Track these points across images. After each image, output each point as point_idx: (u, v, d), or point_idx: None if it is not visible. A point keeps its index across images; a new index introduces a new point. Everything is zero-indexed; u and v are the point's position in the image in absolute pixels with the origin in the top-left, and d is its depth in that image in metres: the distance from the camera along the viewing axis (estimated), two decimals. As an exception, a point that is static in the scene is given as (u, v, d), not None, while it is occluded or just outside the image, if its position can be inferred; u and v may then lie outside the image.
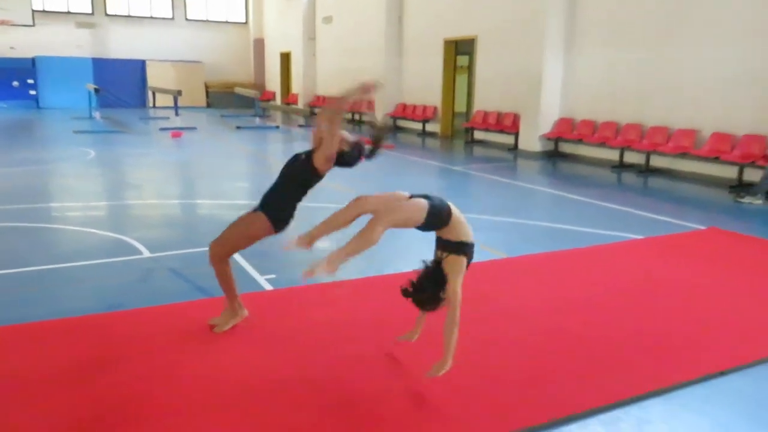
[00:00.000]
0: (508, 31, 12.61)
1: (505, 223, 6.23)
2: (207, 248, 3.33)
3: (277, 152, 12.51)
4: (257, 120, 17.37)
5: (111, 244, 5.27)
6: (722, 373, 3.05)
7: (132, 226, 6.04)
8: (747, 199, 7.37)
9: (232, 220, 3.31)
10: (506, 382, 2.91)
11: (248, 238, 3.21)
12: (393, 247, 5.40)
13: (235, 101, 24.09)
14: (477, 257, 4.29)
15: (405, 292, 2.80)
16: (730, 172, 8.59)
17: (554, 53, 11.31)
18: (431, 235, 2.94)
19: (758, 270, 4.74)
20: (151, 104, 23.17)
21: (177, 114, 15.79)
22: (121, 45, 24.18)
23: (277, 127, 16.92)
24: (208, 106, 25.41)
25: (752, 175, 8.21)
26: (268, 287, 4.24)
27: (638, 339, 3.41)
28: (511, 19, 12.45)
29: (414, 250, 5.30)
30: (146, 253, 4.94)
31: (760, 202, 7.33)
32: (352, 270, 4.61)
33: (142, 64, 24.44)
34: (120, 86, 23.93)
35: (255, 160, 11.00)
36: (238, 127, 16.15)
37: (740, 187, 8.17)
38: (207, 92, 25.74)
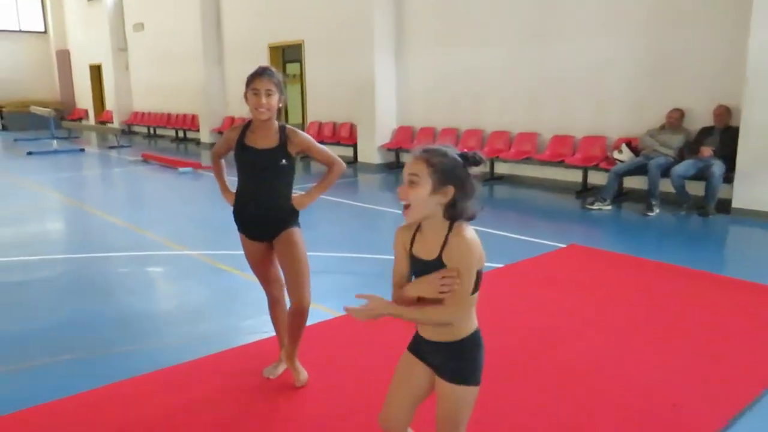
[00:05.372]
0: (335, 33, 11.54)
1: (347, 261, 5.03)
2: None
3: (71, 181, 10.29)
4: (54, 143, 14.71)
5: None
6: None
7: None
8: (596, 206, 6.86)
9: None
10: None
11: None
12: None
13: (34, 122, 20.76)
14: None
15: None
16: (573, 176, 8.17)
17: (385, 56, 10.42)
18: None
19: (630, 292, 3.99)
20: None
21: (-55, 141, 12.78)
22: None
23: (82, 149, 14.43)
24: (3, 128, 21.71)
25: (596, 178, 7.83)
26: None
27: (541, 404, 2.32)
28: (337, 20, 11.39)
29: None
30: None
31: (609, 207, 6.86)
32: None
33: None
34: None
35: (36, 196, 8.80)
36: (29, 153, 13.49)
37: (586, 192, 7.75)
38: (0, 113, 22.01)
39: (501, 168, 9.11)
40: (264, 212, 2.72)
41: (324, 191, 2.85)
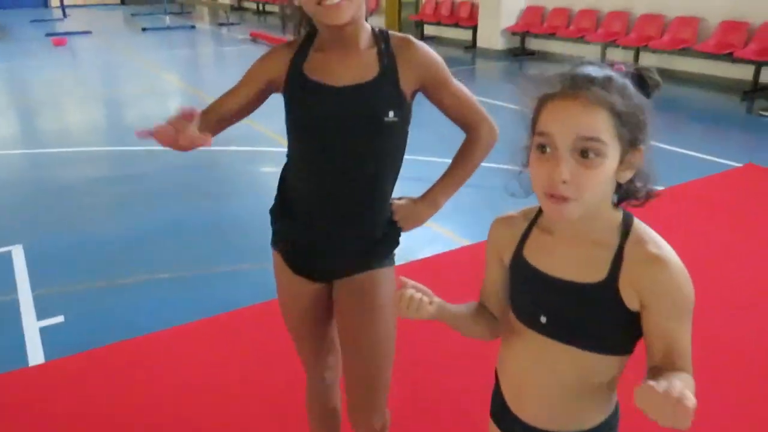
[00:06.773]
0: None
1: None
2: None
3: (180, 60, 10.13)
4: (167, 19, 14.56)
5: None
6: None
7: None
8: (774, 113, 5.66)
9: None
10: None
11: None
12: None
13: (151, -3, 20.80)
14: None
15: None
16: (740, 73, 6.79)
17: None
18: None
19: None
20: (56, 4, 19.54)
21: (65, 15, 12.93)
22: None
23: (193, 26, 14.21)
24: (123, 2, 21.97)
25: (770, 76, 6.46)
26: (38, 352, 2.38)
27: None
28: None
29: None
30: None
31: (791, 116, 5.64)
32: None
33: (37, -48, 20.61)
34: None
35: (147, 76, 8.68)
36: (144, 29, 13.45)
37: (755, 93, 6.44)
38: (121, -14, 22.19)
39: (649, 59, 7.79)
40: (339, 226, 1.32)
41: (461, 185, 1.38)
